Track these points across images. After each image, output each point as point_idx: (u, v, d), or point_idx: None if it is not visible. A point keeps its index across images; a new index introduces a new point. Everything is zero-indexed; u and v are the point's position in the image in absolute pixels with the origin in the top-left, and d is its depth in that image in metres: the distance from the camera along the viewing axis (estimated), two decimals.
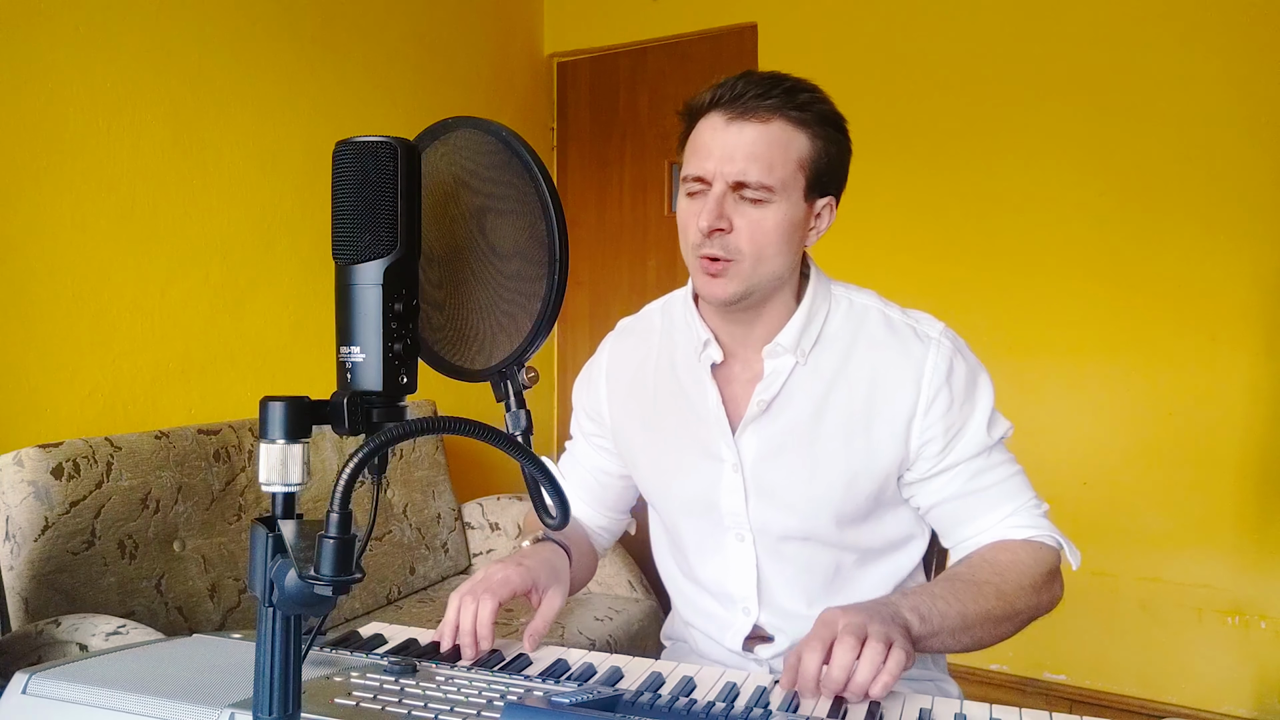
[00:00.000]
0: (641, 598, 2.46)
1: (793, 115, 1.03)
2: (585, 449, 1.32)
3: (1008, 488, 1.11)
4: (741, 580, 1.16)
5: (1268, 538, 2.46)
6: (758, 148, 1.02)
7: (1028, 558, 1.06)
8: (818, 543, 1.13)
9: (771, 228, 1.04)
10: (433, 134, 0.72)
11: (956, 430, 1.09)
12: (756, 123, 1.02)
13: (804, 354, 1.11)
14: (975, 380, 1.11)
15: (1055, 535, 1.09)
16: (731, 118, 1.03)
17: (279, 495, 0.60)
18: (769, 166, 1.02)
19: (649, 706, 0.79)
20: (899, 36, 2.85)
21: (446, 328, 0.72)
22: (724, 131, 1.03)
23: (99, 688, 0.76)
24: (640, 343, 1.26)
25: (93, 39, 1.94)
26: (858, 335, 1.12)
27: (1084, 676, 2.68)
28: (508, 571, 1.04)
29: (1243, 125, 2.44)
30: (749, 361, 1.14)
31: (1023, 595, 1.03)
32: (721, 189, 1.03)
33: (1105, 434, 2.63)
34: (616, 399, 1.25)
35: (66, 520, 1.68)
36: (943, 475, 1.10)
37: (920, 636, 0.94)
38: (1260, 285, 2.45)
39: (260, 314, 2.34)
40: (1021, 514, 1.10)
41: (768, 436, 1.12)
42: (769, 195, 1.03)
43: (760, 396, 1.11)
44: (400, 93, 2.79)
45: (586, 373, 1.31)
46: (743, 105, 1.02)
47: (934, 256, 2.81)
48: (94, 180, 1.96)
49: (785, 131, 1.03)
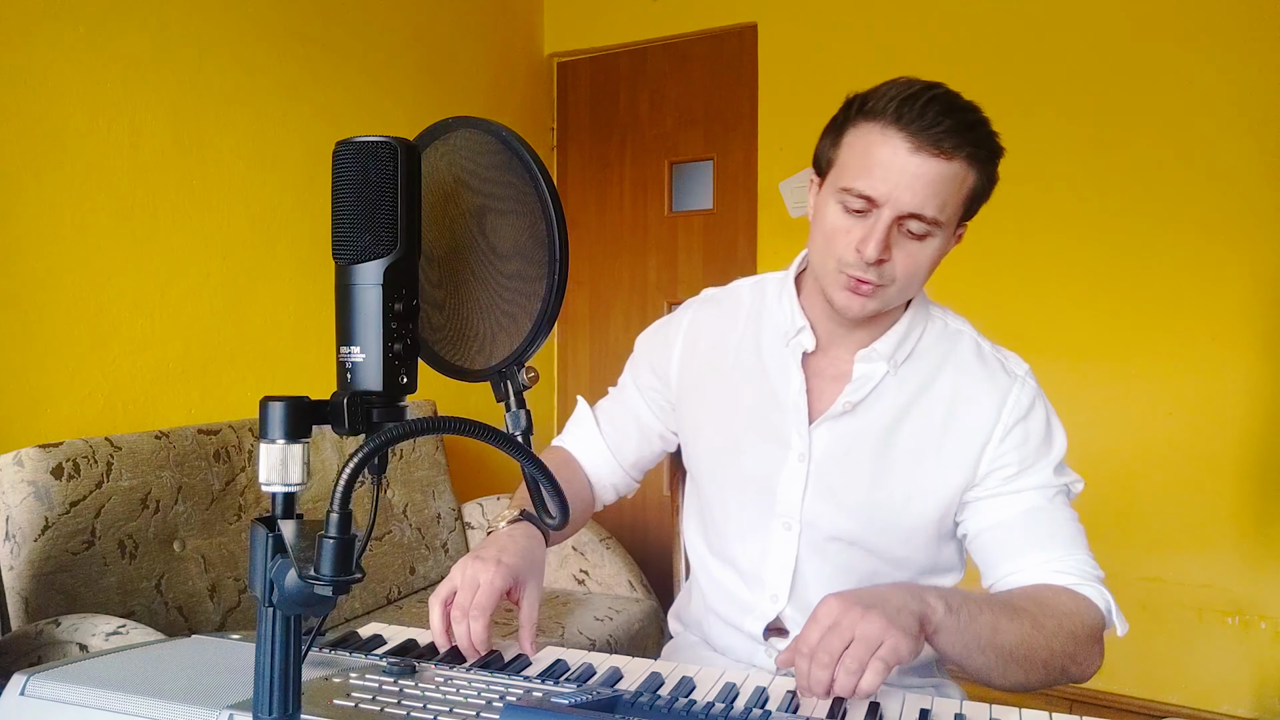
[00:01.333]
0: (641, 598, 2.46)
1: (971, 154, 1.00)
2: (636, 398, 1.31)
3: (1064, 535, 1.06)
4: (778, 568, 1.15)
5: (1268, 538, 2.46)
6: (937, 185, 0.99)
7: (1071, 605, 1.01)
8: (862, 549, 1.13)
9: (925, 260, 1.04)
10: (433, 134, 0.72)
11: (1029, 464, 1.08)
12: (942, 159, 0.98)
13: (896, 365, 1.11)
14: (1052, 426, 1.12)
15: (1107, 597, 1.03)
16: (916, 146, 0.97)
17: (279, 495, 0.60)
18: (942, 205, 1.00)
19: (648, 707, 0.79)
20: (899, 37, 2.85)
21: (446, 328, 0.72)
22: (907, 159, 0.98)
23: (98, 689, 0.76)
24: (725, 315, 1.24)
25: (93, 39, 1.94)
26: (948, 356, 1.13)
27: None
28: (490, 576, 1.00)
29: (1243, 127, 2.44)
30: (838, 359, 1.14)
31: (1059, 638, 0.97)
32: (889, 217, 0.99)
33: (1105, 434, 2.63)
34: (690, 365, 1.24)
35: (66, 520, 1.68)
36: (1003, 498, 1.08)
37: (941, 627, 0.90)
38: (1260, 286, 2.45)
39: (260, 314, 2.34)
40: (1071, 564, 1.05)
41: (841, 435, 1.12)
42: (934, 230, 1.01)
43: (849, 397, 1.11)
44: (400, 93, 2.79)
45: (662, 330, 1.29)
46: (932, 135, 0.97)
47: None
48: (94, 180, 1.96)
49: (962, 170, 1.00)
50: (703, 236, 3.27)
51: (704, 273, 3.26)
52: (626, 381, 1.33)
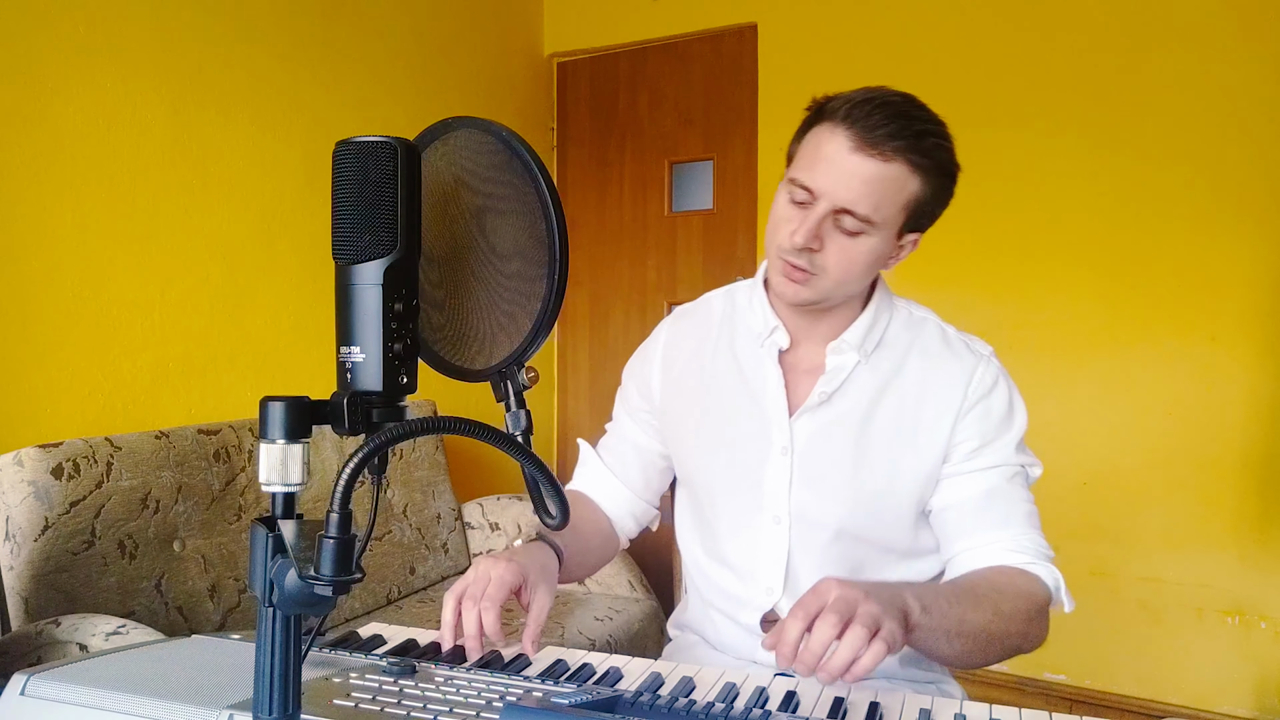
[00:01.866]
0: (641, 598, 2.46)
1: (914, 159, 1.03)
2: (632, 426, 1.33)
3: (1019, 515, 1.11)
4: (771, 561, 1.18)
5: (1268, 538, 2.46)
6: (872, 184, 1.03)
7: (1024, 586, 1.06)
8: (850, 536, 1.15)
9: (858, 257, 1.07)
10: (433, 134, 0.72)
11: (988, 441, 1.12)
12: (879, 159, 1.02)
13: (866, 354, 1.15)
14: (1014, 404, 1.15)
15: (1056, 576, 1.09)
16: (857, 146, 1.02)
17: (279, 495, 0.60)
18: (876, 205, 1.03)
19: (648, 707, 0.79)
20: (899, 36, 2.85)
21: (446, 328, 0.72)
22: (846, 157, 1.03)
23: (98, 689, 0.76)
24: (698, 325, 1.29)
25: (93, 39, 1.94)
26: (914, 344, 1.17)
27: (1084, 676, 2.68)
28: (501, 570, 1.03)
29: (1243, 125, 2.45)
30: (810, 353, 1.18)
31: (1015, 620, 1.03)
32: (824, 210, 1.04)
33: (1105, 434, 2.63)
34: (670, 376, 1.27)
35: (66, 520, 1.68)
36: (963, 478, 1.12)
37: (918, 625, 0.93)
38: (1260, 285, 2.45)
39: (260, 314, 2.34)
40: (1024, 544, 1.10)
41: (821, 425, 1.15)
42: (866, 228, 1.05)
43: (823, 388, 1.14)
44: (400, 93, 2.79)
45: (642, 352, 1.34)
46: (872, 137, 1.02)
47: (935, 257, 2.80)
48: (94, 180, 1.96)
49: (903, 173, 1.03)
50: (703, 236, 3.27)
51: (704, 273, 3.26)
52: (619, 412, 1.36)
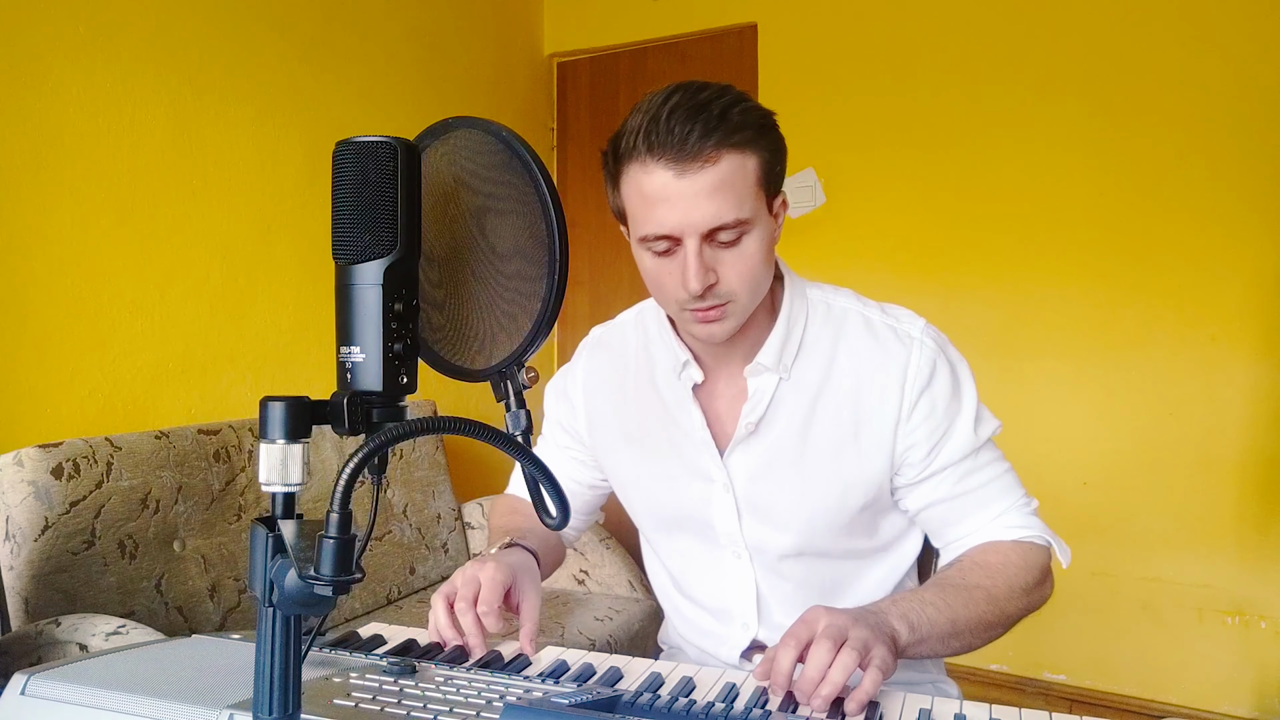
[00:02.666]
0: (641, 598, 2.46)
1: (737, 141, 0.94)
2: (558, 456, 1.29)
3: (996, 487, 1.09)
4: (741, 597, 1.15)
5: (1268, 538, 2.46)
6: (720, 191, 0.94)
7: (1019, 559, 1.05)
8: (815, 556, 1.12)
9: (754, 257, 0.99)
10: (433, 134, 0.72)
11: (942, 434, 1.06)
12: (709, 166, 0.93)
13: (786, 368, 1.08)
14: (959, 380, 1.08)
15: (1045, 534, 1.08)
16: (680, 169, 0.93)
17: (279, 495, 0.60)
18: (738, 203, 0.95)
19: (648, 707, 0.79)
20: (899, 36, 2.85)
21: (446, 328, 0.72)
22: (678, 184, 0.93)
23: (98, 689, 0.76)
24: (616, 357, 1.22)
25: (93, 39, 1.94)
26: (838, 341, 1.09)
27: (1084, 676, 2.68)
28: (492, 572, 1.02)
29: (1242, 125, 2.44)
30: (731, 378, 1.11)
31: (1014, 598, 1.02)
32: (696, 243, 0.95)
33: (1105, 434, 2.63)
34: (596, 417, 1.22)
35: (66, 520, 1.68)
36: (931, 479, 1.08)
37: (908, 645, 0.93)
38: (1260, 285, 2.45)
39: (260, 314, 2.34)
40: (1011, 513, 1.08)
41: (756, 455, 1.09)
42: (745, 228, 0.97)
43: (747, 419, 1.08)
44: (400, 93, 2.79)
45: (561, 382, 1.27)
46: (688, 151, 0.92)
47: (934, 256, 2.81)
48: (94, 180, 1.95)
49: (736, 161, 0.95)
50: None
51: None
52: (546, 437, 1.31)
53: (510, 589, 1.04)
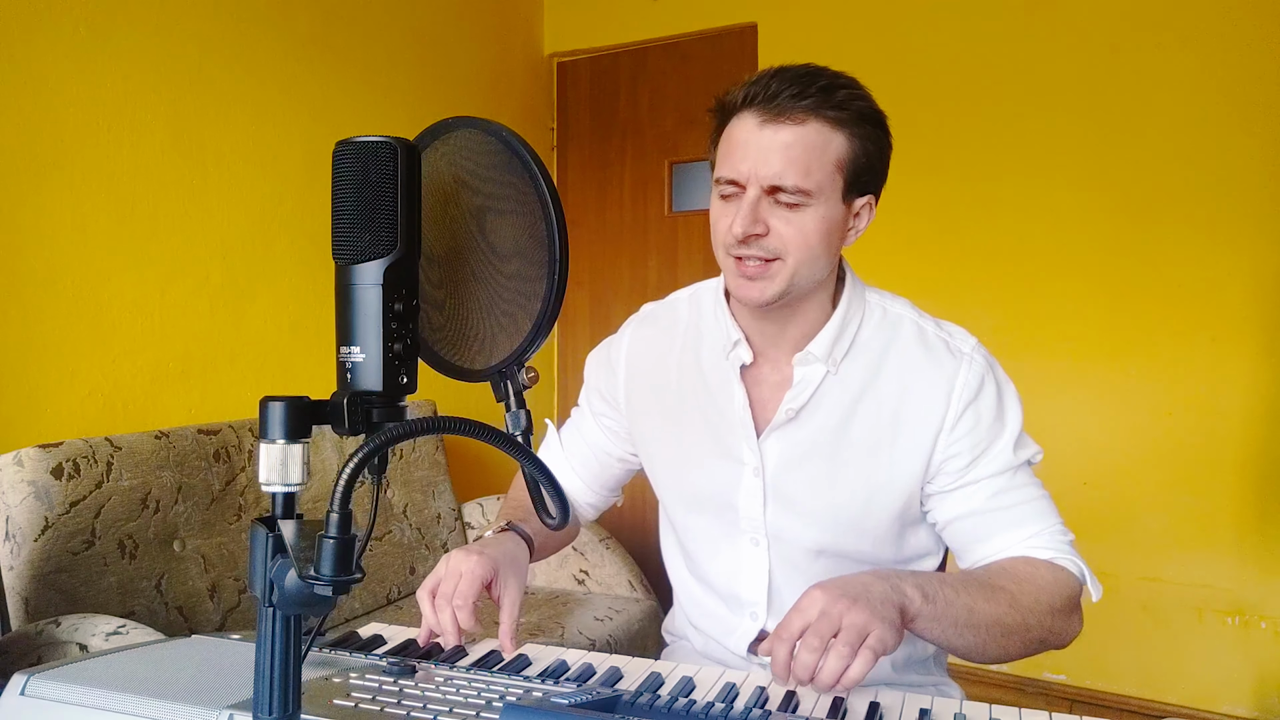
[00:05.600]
0: (641, 598, 2.46)
1: (829, 115, 0.98)
2: (591, 425, 1.30)
3: (1031, 510, 1.07)
4: (753, 585, 1.15)
5: (1268, 538, 2.46)
6: (793, 151, 0.98)
7: (1049, 577, 1.02)
8: (833, 557, 1.11)
9: (810, 229, 1.00)
10: (433, 134, 0.72)
11: (983, 449, 1.06)
12: (792, 124, 0.98)
13: (835, 363, 1.08)
14: (1005, 401, 1.09)
15: (1079, 564, 1.05)
16: (766, 119, 0.98)
17: (279, 495, 0.60)
18: (805, 170, 0.98)
19: (648, 707, 0.79)
20: (899, 38, 2.85)
21: (446, 328, 0.72)
22: (758, 134, 0.99)
23: (98, 689, 0.76)
24: (664, 333, 1.23)
25: (93, 39, 1.94)
26: (890, 346, 1.10)
27: (1084, 676, 2.68)
28: (472, 565, 1.02)
29: (1242, 127, 2.44)
30: (778, 364, 1.12)
31: (1037, 612, 0.99)
32: (756, 193, 0.99)
33: (1106, 434, 2.63)
34: (636, 388, 1.23)
35: (66, 520, 1.68)
36: (964, 490, 1.07)
37: (919, 614, 0.91)
38: (1260, 286, 2.45)
39: (260, 314, 2.34)
40: (1044, 536, 1.06)
41: (792, 444, 1.09)
42: (806, 199, 0.99)
43: (789, 405, 1.08)
44: (400, 93, 2.79)
45: (605, 352, 1.29)
46: (778, 106, 0.97)
47: (935, 258, 2.81)
48: (94, 180, 1.96)
49: (822, 133, 0.99)
50: (703, 236, 3.27)
51: (704, 273, 3.24)
52: (582, 407, 1.32)
53: (492, 581, 1.04)
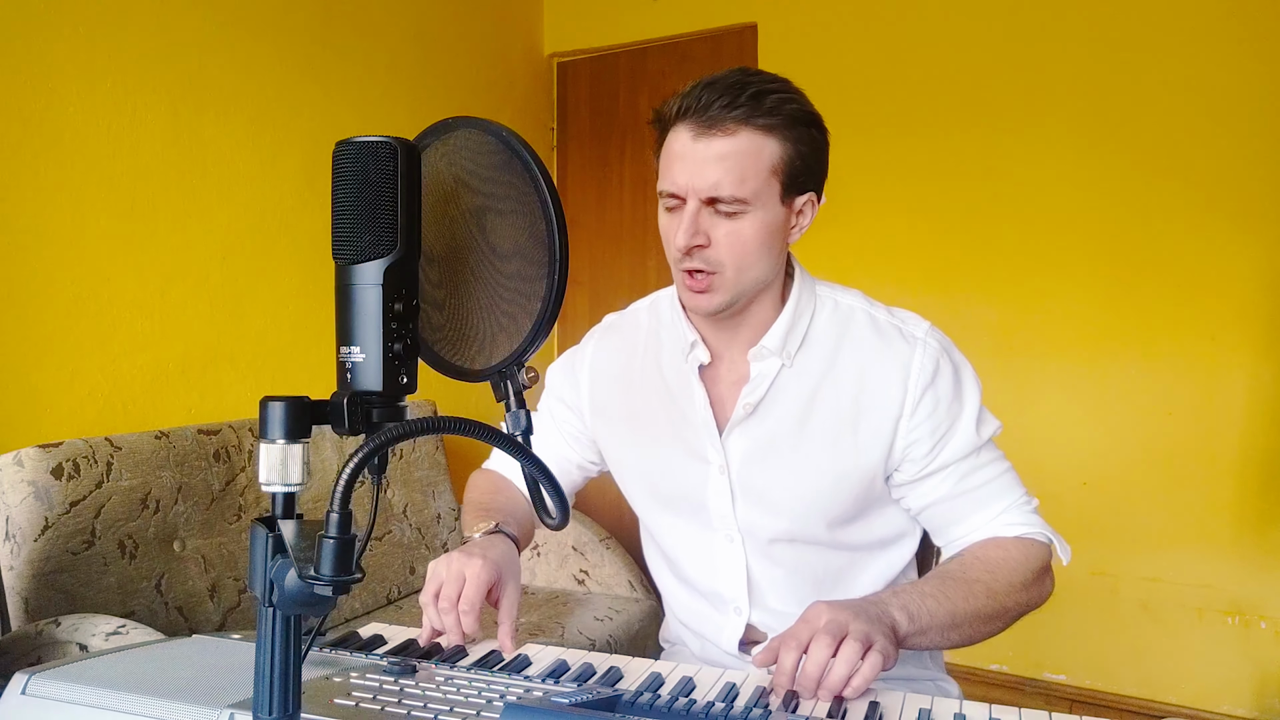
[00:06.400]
0: (641, 598, 2.46)
1: (760, 123, 1.00)
2: (552, 430, 1.31)
3: (997, 486, 1.11)
4: (732, 581, 1.16)
5: (1268, 538, 2.46)
6: (728, 162, 0.99)
7: (1019, 555, 1.07)
8: (806, 544, 1.13)
9: (750, 237, 1.03)
10: (433, 134, 0.72)
11: (944, 432, 1.09)
12: (724, 135, 0.99)
13: (789, 356, 1.11)
14: (962, 380, 1.11)
15: (1046, 531, 1.10)
16: (699, 132, 1.00)
17: (279, 495, 0.60)
18: (740, 179, 1.00)
19: (648, 707, 0.79)
20: (899, 36, 2.85)
21: (446, 328, 0.72)
22: (692, 146, 1.00)
23: (98, 688, 0.76)
24: (626, 341, 1.25)
25: (93, 39, 1.94)
26: (843, 336, 1.12)
27: (1084, 676, 2.68)
28: (477, 570, 1.03)
29: (1243, 126, 2.44)
30: (735, 363, 1.14)
31: (1013, 593, 1.04)
32: (695, 205, 1.01)
33: (1105, 434, 2.63)
34: (600, 396, 1.24)
35: (66, 520, 1.68)
36: (932, 478, 1.10)
37: (908, 635, 0.95)
38: (1260, 286, 2.45)
39: (260, 314, 2.34)
40: (1012, 511, 1.10)
41: (754, 439, 1.12)
42: (743, 207, 1.01)
43: (746, 400, 1.11)
44: (400, 93, 2.79)
45: (569, 361, 1.30)
46: (709, 118, 0.99)
47: (934, 257, 2.81)
48: (94, 180, 1.95)
49: (754, 141, 1.00)
50: None
51: None
52: (543, 414, 1.33)
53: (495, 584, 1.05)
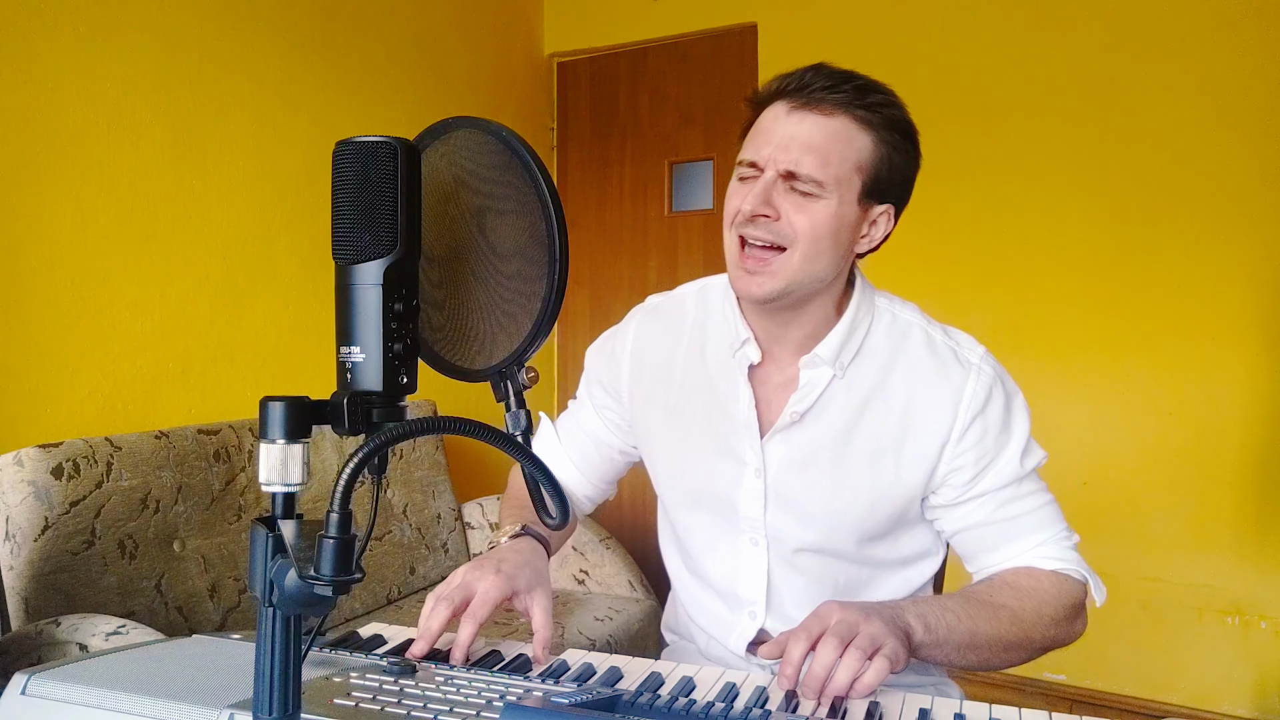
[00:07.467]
0: (641, 598, 2.46)
1: (859, 114, 0.99)
2: (591, 417, 1.29)
3: (1036, 519, 1.08)
4: (751, 584, 1.14)
5: (1268, 538, 2.46)
6: (815, 139, 0.98)
7: (1051, 588, 1.04)
8: (832, 556, 1.12)
9: (821, 220, 0.99)
10: (433, 134, 0.72)
11: (989, 461, 1.06)
12: (819, 114, 0.98)
13: (842, 367, 1.07)
14: (1012, 410, 1.08)
15: (1082, 569, 1.06)
16: (794, 107, 0.99)
17: (279, 495, 0.60)
18: (824, 161, 0.98)
19: (648, 707, 0.79)
20: (899, 38, 2.85)
21: (446, 328, 0.72)
22: (784, 120, 0.99)
23: (98, 688, 0.76)
24: (670, 328, 1.21)
25: (93, 39, 1.94)
26: (898, 353, 1.09)
27: (1084, 676, 2.68)
28: (487, 585, 1.00)
29: (1242, 128, 2.45)
30: (783, 364, 1.10)
31: (1040, 625, 1.01)
32: (772, 176, 0.99)
33: (1106, 434, 2.63)
34: (640, 382, 1.21)
35: (66, 520, 1.68)
36: (971, 503, 1.07)
37: (922, 644, 0.93)
38: (1259, 287, 2.45)
39: (260, 314, 2.34)
40: (1050, 545, 1.07)
41: (795, 446, 1.09)
42: (819, 190, 0.99)
43: (794, 408, 1.07)
44: (400, 93, 2.79)
45: (609, 343, 1.27)
46: (807, 95, 0.98)
47: (935, 259, 2.81)
48: (94, 180, 1.95)
49: (848, 129, 0.99)
50: (703, 236, 3.27)
51: (704, 273, 3.22)
52: (582, 398, 1.31)
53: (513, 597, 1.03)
